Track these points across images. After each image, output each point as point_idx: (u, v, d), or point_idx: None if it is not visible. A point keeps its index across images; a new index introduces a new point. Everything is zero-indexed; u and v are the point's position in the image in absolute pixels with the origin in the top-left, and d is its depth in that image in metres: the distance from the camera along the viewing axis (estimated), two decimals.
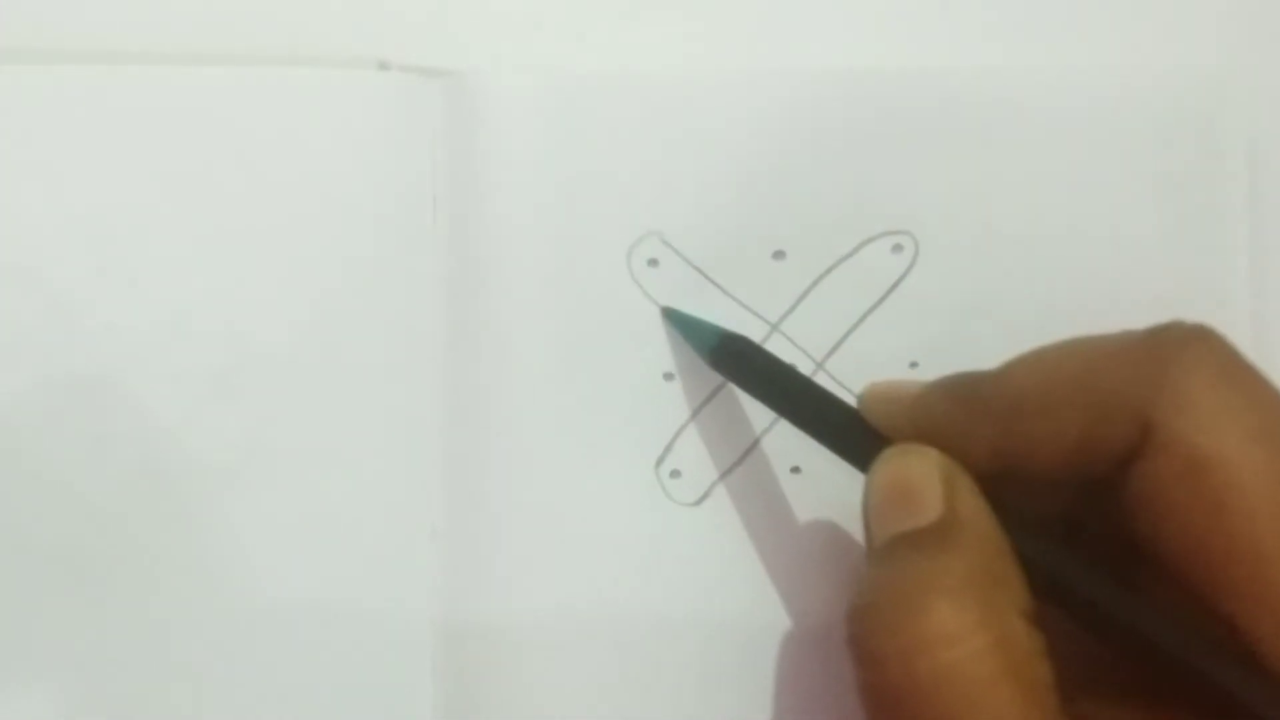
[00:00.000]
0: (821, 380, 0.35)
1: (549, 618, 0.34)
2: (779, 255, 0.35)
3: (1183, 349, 0.25)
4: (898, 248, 0.35)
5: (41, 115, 0.34)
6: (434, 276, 0.35)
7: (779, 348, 0.35)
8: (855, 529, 0.34)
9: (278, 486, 0.34)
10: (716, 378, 0.34)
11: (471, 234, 0.34)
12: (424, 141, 0.35)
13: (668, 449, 0.34)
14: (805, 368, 0.35)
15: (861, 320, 0.35)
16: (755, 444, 0.35)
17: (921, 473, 0.27)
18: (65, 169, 0.34)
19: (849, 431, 0.30)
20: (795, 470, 0.34)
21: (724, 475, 0.34)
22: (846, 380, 0.35)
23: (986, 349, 0.34)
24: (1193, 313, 0.34)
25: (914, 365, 0.35)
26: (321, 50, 0.36)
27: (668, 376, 0.34)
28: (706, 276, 0.35)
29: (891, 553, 0.27)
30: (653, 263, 0.35)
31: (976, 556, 0.26)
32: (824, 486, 0.34)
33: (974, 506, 0.27)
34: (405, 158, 0.35)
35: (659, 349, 0.35)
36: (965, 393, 0.28)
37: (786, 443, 0.34)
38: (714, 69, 0.36)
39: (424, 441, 0.34)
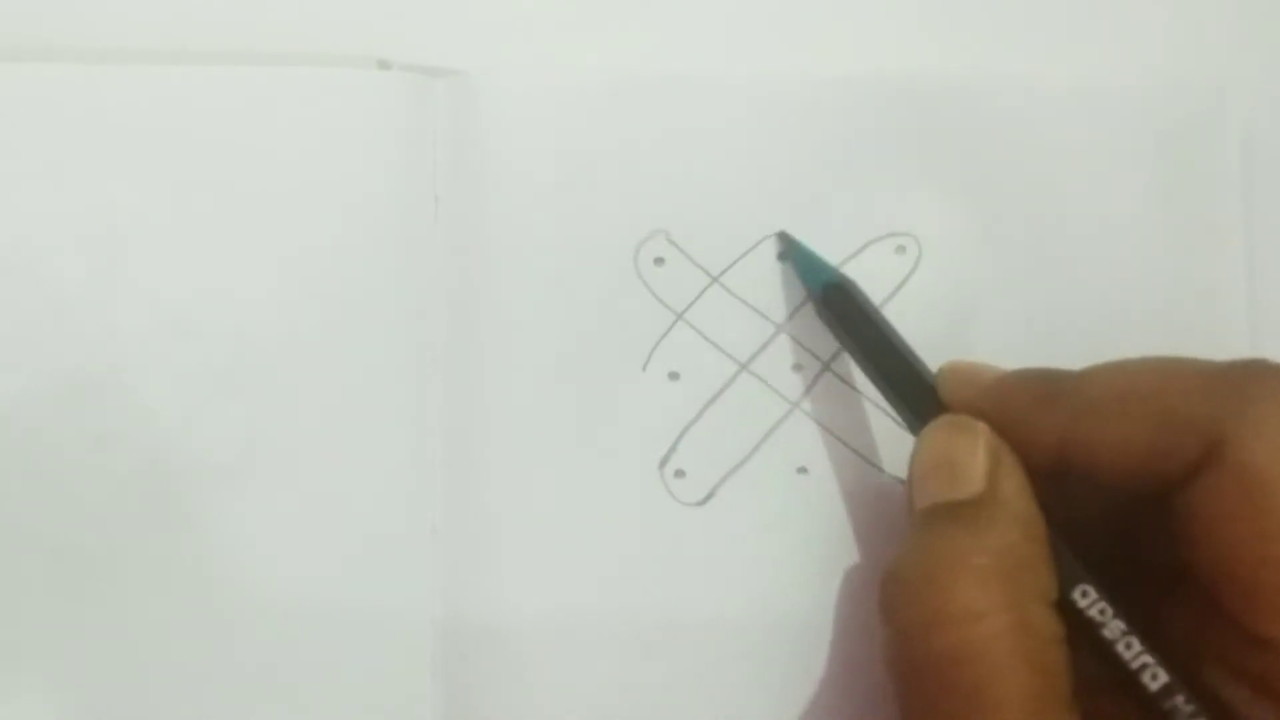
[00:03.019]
0: (827, 381, 0.35)
1: (550, 617, 0.34)
2: (784, 256, 0.35)
3: (1261, 377, 0.26)
4: (901, 249, 0.35)
5: (41, 115, 0.34)
6: (436, 276, 0.34)
7: (783, 348, 0.35)
8: (861, 530, 0.34)
9: (278, 485, 0.33)
10: (723, 377, 0.35)
11: (474, 233, 0.34)
12: (426, 141, 0.35)
13: (672, 449, 0.34)
14: (811, 368, 0.35)
15: None
16: (760, 444, 0.35)
17: (968, 447, 0.28)
18: (65, 168, 0.34)
19: (919, 398, 0.31)
20: (801, 470, 0.34)
21: (728, 475, 0.34)
22: (852, 380, 0.35)
23: (988, 350, 0.35)
24: (1190, 313, 0.35)
25: None
26: (322, 50, 0.36)
27: (673, 376, 0.34)
28: (712, 276, 0.35)
29: (928, 521, 0.28)
30: (659, 261, 0.35)
31: (1010, 537, 0.27)
32: (829, 487, 0.34)
33: (1016, 488, 0.28)
34: (407, 157, 0.35)
35: (665, 348, 0.35)
36: (1041, 385, 0.29)
37: (792, 443, 0.34)
38: (719, 70, 0.36)
39: (426, 440, 0.34)
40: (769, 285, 0.35)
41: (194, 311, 0.34)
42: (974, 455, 0.28)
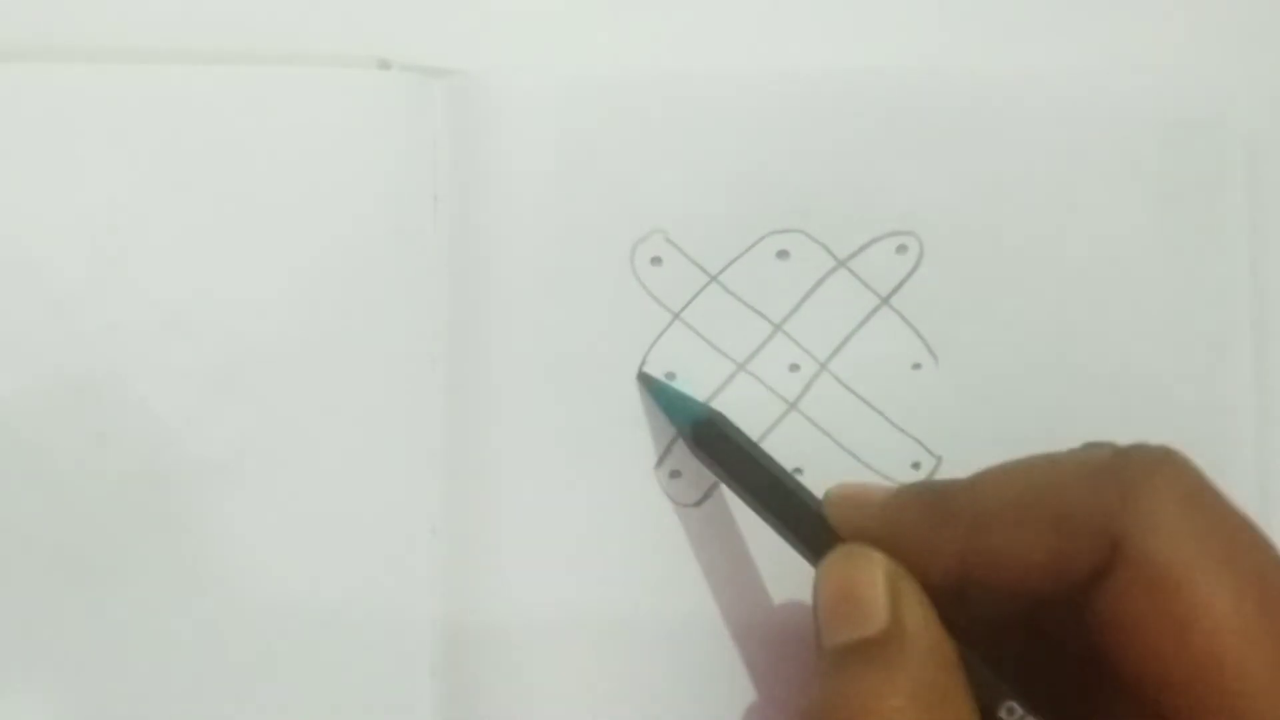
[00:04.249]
0: (824, 381, 0.35)
1: (549, 617, 0.34)
2: (783, 254, 0.35)
3: (1152, 470, 0.26)
4: (902, 248, 0.35)
5: (41, 115, 0.34)
6: (435, 276, 0.34)
7: (783, 347, 0.35)
8: None
9: (277, 485, 0.34)
10: (720, 377, 0.35)
11: (472, 233, 0.34)
12: (425, 141, 0.35)
13: (668, 449, 0.34)
14: (808, 368, 0.35)
15: (865, 321, 0.35)
16: (757, 444, 0.34)
17: (867, 580, 0.27)
18: (65, 168, 0.34)
19: (812, 529, 0.30)
20: (797, 471, 0.34)
21: None
22: (849, 381, 0.35)
23: (989, 350, 0.35)
24: (1193, 314, 0.35)
25: (917, 366, 0.35)
26: (322, 50, 0.36)
27: (669, 376, 0.34)
28: (710, 275, 0.35)
29: (838, 663, 0.27)
30: (656, 261, 0.34)
31: (921, 670, 0.26)
32: (825, 488, 0.33)
33: (921, 617, 0.27)
34: (406, 157, 0.35)
35: (661, 348, 0.34)
36: (933, 502, 0.28)
37: (788, 443, 0.34)
38: (718, 68, 0.36)
39: (424, 440, 0.34)
40: (767, 284, 0.35)
41: (194, 311, 0.34)
42: (874, 587, 0.27)
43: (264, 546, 0.33)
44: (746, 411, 0.34)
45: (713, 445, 0.32)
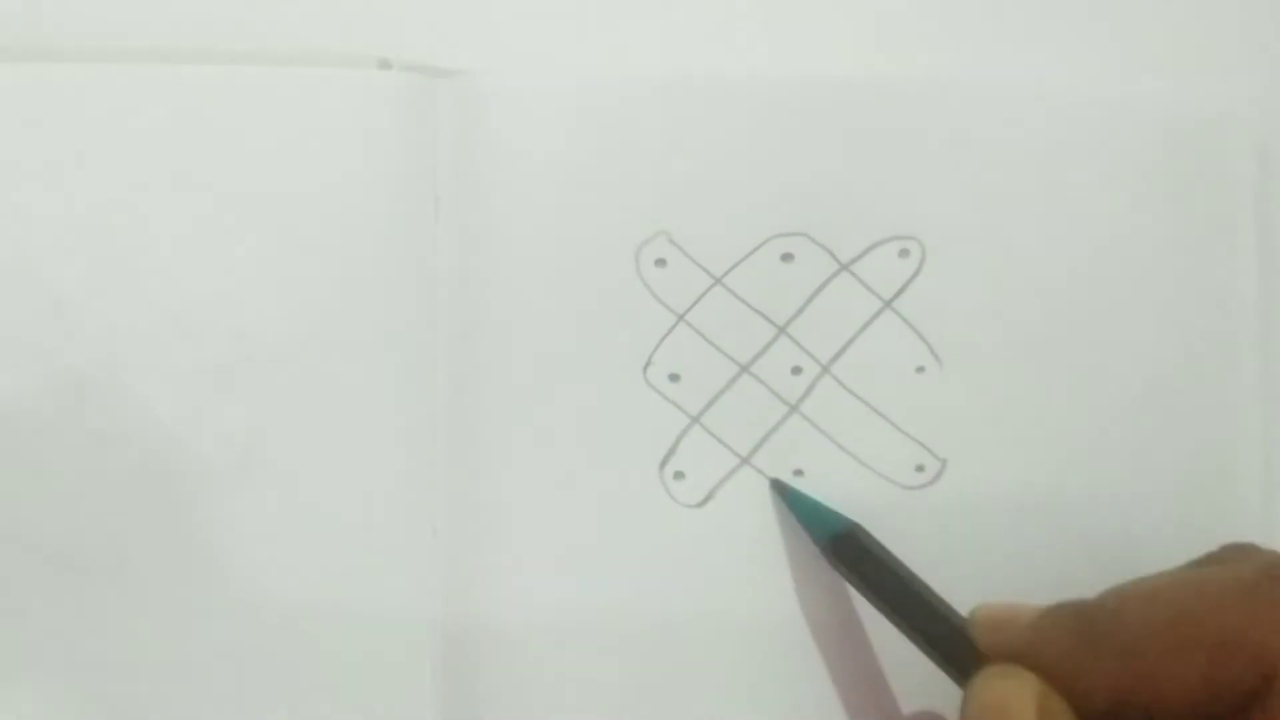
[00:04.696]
0: (827, 384, 0.35)
1: (550, 618, 0.34)
2: (787, 258, 0.35)
3: None
4: (905, 252, 0.35)
5: (41, 115, 0.34)
6: (436, 276, 0.34)
7: (786, 350, 0.35)
8: None
9: (278, 485, 0.34)
10: (723, 379, 0.34)
11: (474, 233, 0.34)
12: (426, 141, 0.35)
13: (671, 451, 0.34)
14: (811, 371, 0.35)
15: (868, 324, 0.35)
16: (759, 446, 0.34)
17: (1019, 698, 0.27)
18: (66, 168, 0.34)
19: (956, 648, 0.30)
20: (798, 473, 0.34)
21: (727, 477, 0.34)
22: (852, 383, 0.35)
23: (993, 353, 0.35)
24: (1200, 315, 0.35)
25: (920, 369, 0.35)
26: (323, 50, 0.35)
27: (673, 378, 0.34)
28: (714, 277, 0.35)
29: None
30: (660, 263, 0.34)
31: None
32: (827, 489, 0.34)
33: None
34: (407, 157, 0.34)
35: (665, 350, 0.34)
36: (1081, 627, 0.28)
37: (790, 445, 0.34)
38: (721, 70, 0.36)
39: (426, 441, 0.34)
40: (771, 287, 0.35)
41: (194, 311, 0.34)
42: (1026, 705, 0.27)
43: (265, 546, 0.33)
44: (749, 413, 0.34)
45: (853, 559, 0.32)
